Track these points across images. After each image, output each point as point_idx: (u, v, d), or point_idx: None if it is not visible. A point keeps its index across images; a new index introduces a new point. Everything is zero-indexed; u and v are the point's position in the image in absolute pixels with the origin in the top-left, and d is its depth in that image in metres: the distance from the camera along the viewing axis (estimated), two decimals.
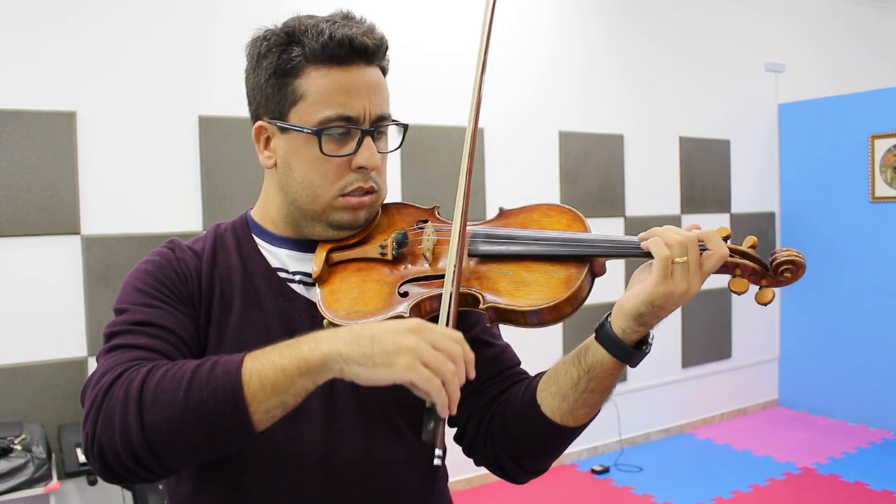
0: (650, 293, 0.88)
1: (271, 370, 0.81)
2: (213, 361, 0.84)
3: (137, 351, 0.90)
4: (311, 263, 1.05)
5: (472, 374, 0.82)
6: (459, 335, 0.83)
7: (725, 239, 0.91)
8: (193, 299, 1.01)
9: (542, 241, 0.98)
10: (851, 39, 5.80)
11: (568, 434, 1.01)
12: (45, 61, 2.90)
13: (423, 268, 1.02)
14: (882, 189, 4.76)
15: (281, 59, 0.99)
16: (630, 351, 0.92)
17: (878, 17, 6.02)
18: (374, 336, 0.80)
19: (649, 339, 0.94)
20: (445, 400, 0.79)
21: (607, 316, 0.94)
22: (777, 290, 0.93)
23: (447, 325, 0.87)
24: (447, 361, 0.80)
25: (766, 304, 0.90)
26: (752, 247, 0.93)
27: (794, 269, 0.90)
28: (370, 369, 0.80)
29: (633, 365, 0.94)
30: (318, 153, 0.99)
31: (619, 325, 0.92)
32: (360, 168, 1.01)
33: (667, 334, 4.70)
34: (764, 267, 0.92)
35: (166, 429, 0.81)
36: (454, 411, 0.81)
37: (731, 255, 0.91)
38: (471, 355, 0.83)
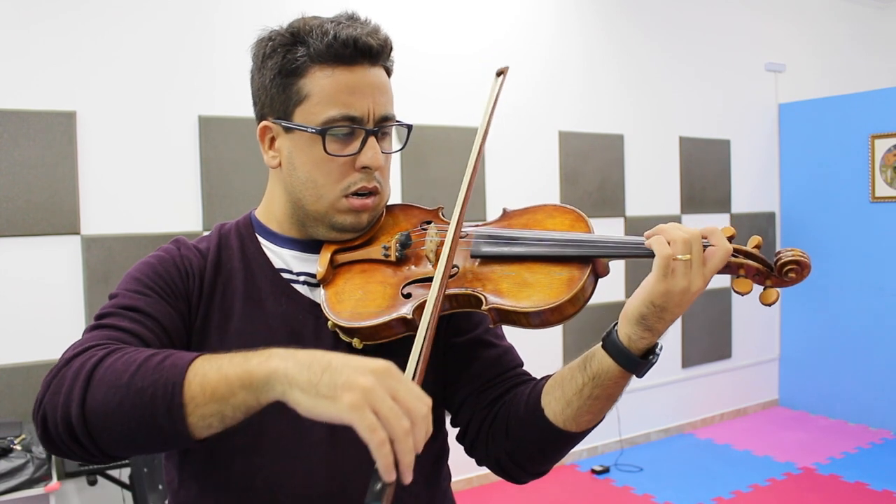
0: (650, 291, 0.87)
1: (215, 375, 0.77)
2: (168, 353, 0.81)
3: (116, 332, 0.90)
4: (316, 264, 1.05)
5: (419, 448, 0.72)
6: (428, 400, 0.74)
7: (730, 239, 0.90)
8: (191, 297, 1.01)
9: (545, 242, 0.97)
10: (851, 39, 5.80)
11: (570, 439, 1.00)
12: (45, 61, 2.90)
13: (427, 269, 1.02)
14: (882, 189, 4.76)
15: (286, 60, 0.99)
16: (635, 360, 0.90)
17: (878, 18, 6.02)
18: (330, 365, 0.73)
19: (656, 350, 0.92)
20: (389, 459, 0.70)
21: (615, 324, 0.93)
22: (781, 290, 0.92)
23: (413, 379, 0.80)
24: (402, 417, 0.70)
25: (769, 305, 0.89)
26: (757, 247, 0.91)
27: (798, 270, 0.89)
28: (311, 398, 0.72)
29: (639, 375, 0.92)
30: (322, 153, 0.99)
31: (624, 331, 0.90)
32: (363, 168, 1.01)
33: (667, 334, 4.68)
34: (769, 267, 0.90)
35: (103, 410, 0.79)
36: (406, 478, 0.71)
37: (734, 256, 0.90)
38: (430, 427, 0.73)
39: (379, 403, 0.70)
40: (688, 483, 4.00)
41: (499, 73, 1.04)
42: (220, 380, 0.77)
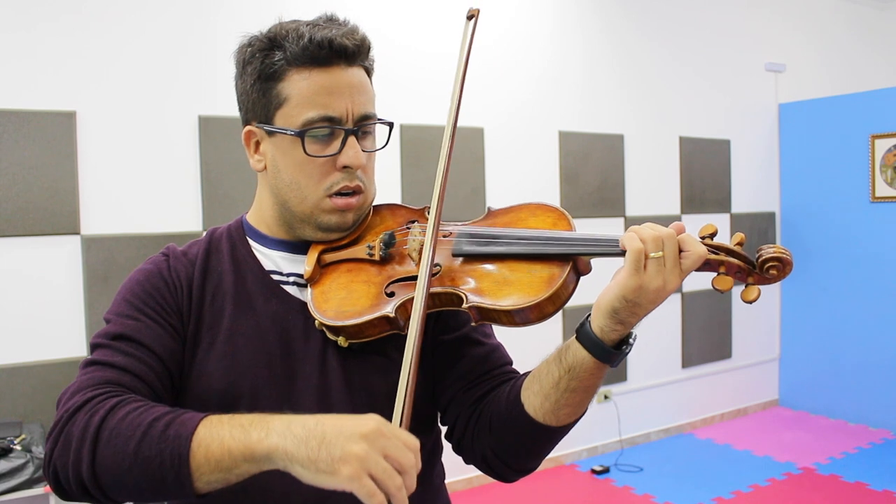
0: (622, 286, 0.88)
1: (218, 448, 0.82)
2: (169, 418, 0.85)
3: (112, 370, 0.93)
4: (304, 265, 1.06)
5: (412, 489, 0.80)
6: (415, 442, 0.81)
7: (712, 235, 0.90)
8: (181, 309, 1.03)
9: (524, 241, 0.98)
10: (851, 39, 5.80)
11: (552, 434, 1.00)
12: (45, 61, 2.90)
13: (410, 268, 1.03)
14: (882, 189, 4.76)
15: (264, 64, 1.01)
16: (608, 350, 0.91)
17: (878, 17, 6.02)
18: (325, 438, 0.79)
19: (630, 340, 0.92)
20: None
21: (588, 315, 0.94)
22: (763, 287, 0.91)
23: (401, 423, 0.85)
24: (394, 475, 0.78)
25: (751, 302, 0.88)
26: (740, 244, 0.91)
27: (780, 267, 0.88)
28: (313, 473, 0.79)
29: (613, 365, 0.93)
30: (303, 155, 1.01)
31: (597, 323, 0.91)
32: (344, 167, 1.02)
33: (667, 334, 4.70)
34: (750, 264, 0.90)
35: (113, 473, 0.84)
36: None
37: (715, 253, 0.90)
38: (419, 466, 0.81)
39: (374, 468, 0.77)
40: (688, 483, 4.00)
41: (470, 17, 1.03)
42: (223, 453, 0.82)
